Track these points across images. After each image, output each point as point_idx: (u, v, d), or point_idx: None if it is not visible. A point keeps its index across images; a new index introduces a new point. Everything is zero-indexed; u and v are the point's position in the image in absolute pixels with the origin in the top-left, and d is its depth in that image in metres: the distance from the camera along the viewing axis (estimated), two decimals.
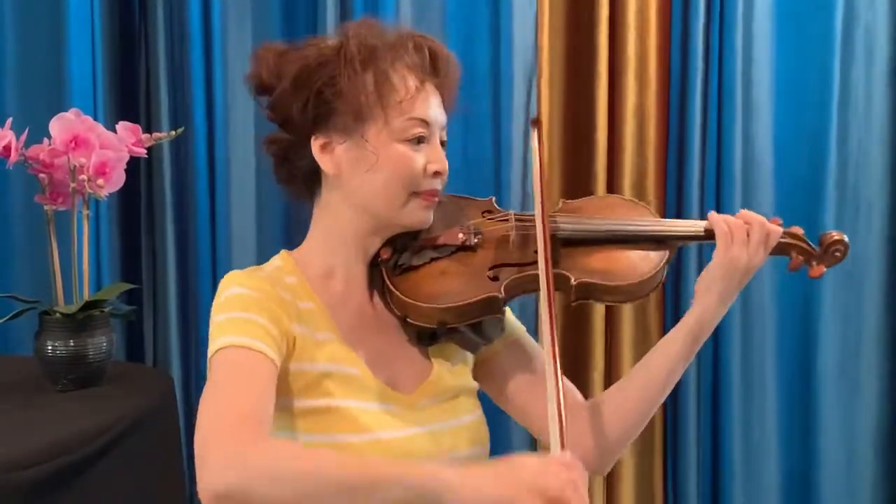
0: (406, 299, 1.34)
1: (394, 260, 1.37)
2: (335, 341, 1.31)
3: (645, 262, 1.36)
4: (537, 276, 1.30)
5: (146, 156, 2.01)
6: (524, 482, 1.05)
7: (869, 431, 2.74)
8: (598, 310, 2.62)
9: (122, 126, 1.94)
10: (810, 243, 1.41)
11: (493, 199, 1.46)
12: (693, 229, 1.39)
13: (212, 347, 1.22)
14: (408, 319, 1.36)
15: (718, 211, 1.40)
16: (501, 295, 1.33)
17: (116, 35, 2.55)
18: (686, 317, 1.37)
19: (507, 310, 1.44)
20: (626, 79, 2.60)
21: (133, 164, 1.96)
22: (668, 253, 1.37)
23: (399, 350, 1.37)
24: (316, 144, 1.32)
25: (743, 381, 2.68)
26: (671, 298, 2.66)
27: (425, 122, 1.32)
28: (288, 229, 2.64)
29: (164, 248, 2.54)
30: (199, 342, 2.57)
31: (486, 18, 2.60)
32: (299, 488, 1.05)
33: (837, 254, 1.41)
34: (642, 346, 2.65)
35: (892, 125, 2.69)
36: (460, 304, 1.33)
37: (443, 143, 1.37)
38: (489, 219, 1.42)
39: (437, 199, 1.35)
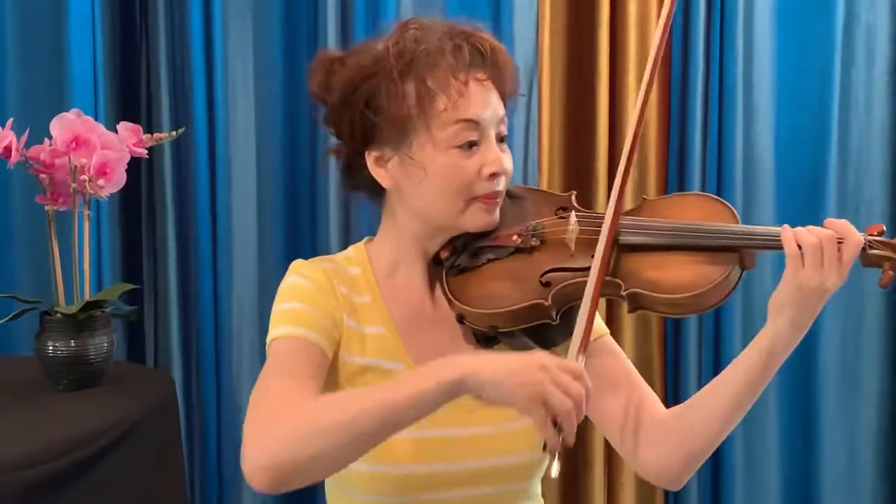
0: (458, 302, 1.31)
1: (452, 260, 1.34)
2: (386, 335, 1.33)
3: (705, 273, 1.22)
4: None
5: (147, 156, 2.01)
6: (533, 386, 1.08)
7: (870, 432, 2.74)
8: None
9: (122, 126, 1.94)
10: None
11: (574, 194, 1.38)
12: (767, 239, 1.23)
13: (269, 336, 1.29)
14: (464, 321, 1.32)
15: None
16: (548, 303, 1.26)
17: (117, 35, 2.55)
18: (759, 336, 1.25)
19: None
20: (627, 79, 2.60)
21: (134, 165, 1.95)
22: (735, 264, 1.23)
23: (456, 349, 1.33)
24: (370, 159, 1.32)
25: None
26: None
27: (474, 123, 1.28)
28: (289, 229, 2.64)
29: (165, 249, 2.54)
30: (199, 342, 2.57)
31: (486, 19, 2.59)
32: (344, 435, 1.10)
33: None
34: (643, 348, 2.65)
35: (892, 125, 2.69)
36: (506, 309, 1.27)
37: (503, 138, 1.33)
38: (555, 218, 1.34)
39: (498, 201, 1.32)
